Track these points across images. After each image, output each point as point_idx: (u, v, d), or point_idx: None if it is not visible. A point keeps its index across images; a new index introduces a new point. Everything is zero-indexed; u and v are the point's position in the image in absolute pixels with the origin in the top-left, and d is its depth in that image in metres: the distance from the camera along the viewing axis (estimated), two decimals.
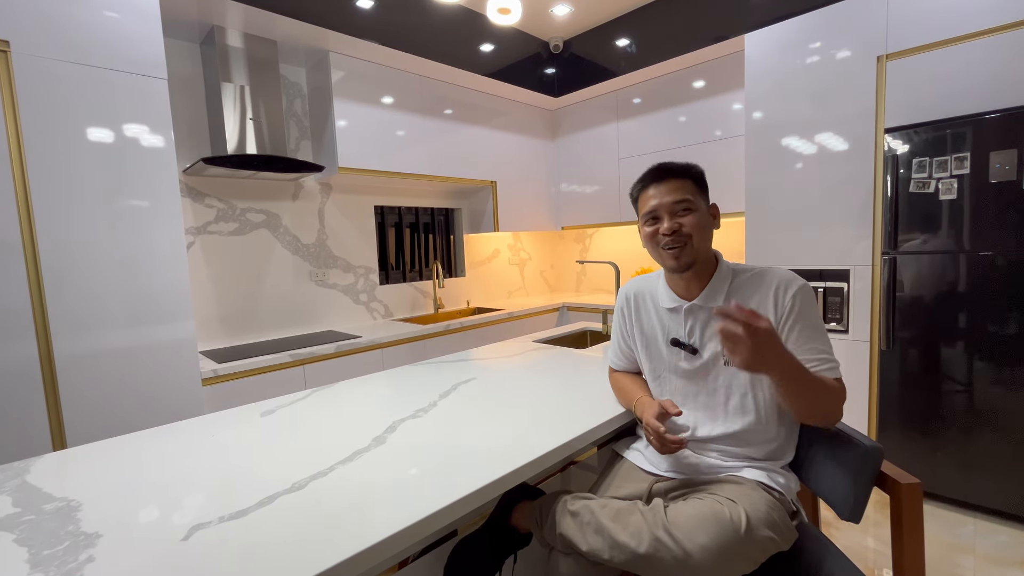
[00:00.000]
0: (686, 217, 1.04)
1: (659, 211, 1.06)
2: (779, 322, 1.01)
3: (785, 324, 1.00)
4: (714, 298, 1.06)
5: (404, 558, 1.01)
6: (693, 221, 1.04)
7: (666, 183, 1.06)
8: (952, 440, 1.94)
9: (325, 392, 1.45)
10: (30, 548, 0.71)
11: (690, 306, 1.09)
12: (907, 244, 2.00)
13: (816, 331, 1.00)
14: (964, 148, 1.85)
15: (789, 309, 1.00)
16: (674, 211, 1.05)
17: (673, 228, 1.04)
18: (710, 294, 1.07)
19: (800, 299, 1.00)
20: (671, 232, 1.04)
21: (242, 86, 2.27)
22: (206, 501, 0.83)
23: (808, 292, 1.02)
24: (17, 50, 1.50)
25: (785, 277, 1.04)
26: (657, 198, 1.06)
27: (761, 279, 1.05)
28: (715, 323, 1.04)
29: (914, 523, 0.87)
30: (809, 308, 1.01)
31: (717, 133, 2.93)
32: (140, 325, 1.75)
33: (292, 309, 2.69)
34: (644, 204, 1.09)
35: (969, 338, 1.89)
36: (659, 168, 1.09)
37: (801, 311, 1.00)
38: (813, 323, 1.00)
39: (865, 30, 2.10)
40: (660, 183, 1.07)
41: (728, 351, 0.86)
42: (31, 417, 1.55)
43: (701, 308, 1.08)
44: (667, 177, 1.07)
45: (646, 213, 1.08)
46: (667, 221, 1.04)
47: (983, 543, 1.76)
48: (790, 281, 1.03)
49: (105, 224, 1.67)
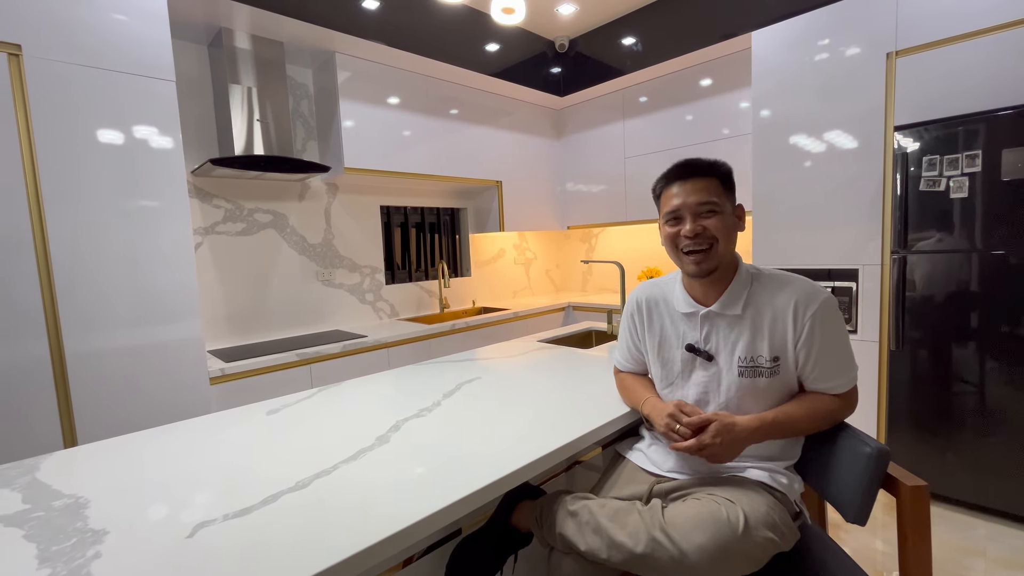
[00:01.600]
0: (710, 220, 0.99)
1: (682, 211, 1.01)
2: (794, 342, 0.98)
3: (799, 346, 0.98)
4: (732, 305, 1.03)
5: (409, 556, 1.01)
6: (717, 224, 0.99)
7: (691, 182, 1.01)
8: (963, 442, 1.92)
9: (330, 391, 1.46)
10: (39, 544, 0.73)
11: (707, 312, 1.05)
12: (917, 243, 1.97)
13: (832, 353, 0.98)
14: (976, 146, 1.82)
15: (806, 333, 0.97)
16: (698, 212, 1.00)
17: (696, 231, 0.99)
18: (728, 301, 1.03)
19: (820, 320, 0.97)
20: (693, 235, 0.99)
21: (249, 87, 2.29)
22: (211, 499, 0.84)
23: (828, 310, 0.98)
24: (29, 53, 1.52)
25: (805, 294, 0.99)
26: (681, 197, 1.01)
27: (780, 290, 1.01)
28: (733, 332, 1.03)
29: (920, 525, 0.86)
30: (828, 328, 0.98)
31: (725, 131, 2.91)
32: (149, 324, 1.77)
33: (299, 309, 2.70)
34: (666, 202, 1.04)
35: (981, 338, 1.86)
36: (684, 165, 1.04)
37: (819, 334, 0.97)
38: (830, 345, 0.98)
39: (874, 26, 2.08)
40: (685, 181, 1.02)
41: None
42: (43, 414, 1.57)
43: (719, 315, 1.04)
44: (692, 175, 1.02)
45: (668, 212, 1.03)
46: (690, 223, 1.00)
47: (994, 546, 1.73)
48: (810, 299, 0.98)
49: (114, 224, 1.69)
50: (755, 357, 1.01)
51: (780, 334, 0.99)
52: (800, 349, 0.99)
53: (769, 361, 1.00)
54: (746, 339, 1.01)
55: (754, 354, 1.01)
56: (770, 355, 1.00)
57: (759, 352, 1.00)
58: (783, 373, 1.01)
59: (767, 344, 1.00)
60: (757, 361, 1.00)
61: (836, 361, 0.99)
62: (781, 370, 1.00)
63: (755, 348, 1.01)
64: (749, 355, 1.01)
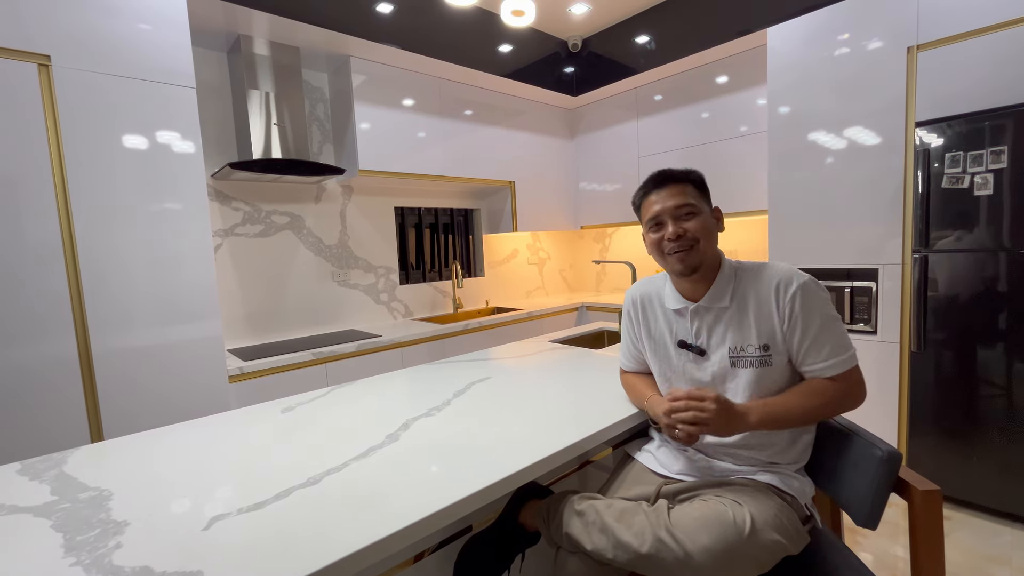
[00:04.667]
0: (690, 221, 1.05)
1: (663, 216, 1.06)
2: (781, 325, 1.00)
3: (786, 328, 1.00)
4: (720, 298, 1.06)
5: (419, 552, 1.03)
6: (698, 224, 1.04)
7: (667, 188, 1.07)
8: (988, 446, 1.86)
9: (343, 390, 1.49)
10: (65, 534, 0.76)
11: (696, 307, 1.08)
12: (939, 242, 1.92)
13: (818, 331, 0.98)
14: (1002, 141, 1.77)
15: (789, 313, 0.99)
16: (677, 215, 1.05)
17: (678, 232, 1.04)
18: (715, 294, 1.06)
19: (800, 299, 0.99)
20: (676, 237, 1.04)
21: (267, 92, 2.34)
22: (227, 493, 0.87)
23: (808, 289, 1.00)
24: (57, 64, 1.59)
25: (784, 275, 1.02)
26: (660, 203, 1.07)
27: (760, 276, 1.04)
28: (721, 324, 1.05)
29: (933, 531, 0.84)
30: (811, 305, 0.99)
31: (742, 129, 2.87)
32: (170, 324, 1.83)
33: (315, 308, 2.76)
34: (647, 210, 1.10)
35: (1007, 339, 1.80)
36: (659, 175, 1.10)
37: (801, 313, 0.98)
38: (816, 322, 0.98)
39: (895, 20, 2.03)
40: (661, 189, 1.08)
41: (695, 431, 0.94)
42: (70, 410, 1.64)
43: (708, 309, 1.07)
44: (668, 183, 1.08)
45: (650, 219, 1.09)
46: (672, 226, 1.05)
47: (1020, 555, 1.68)
48: (789, 280, 1.01)
49: (138, 227, 1.75)
50: (744, 346, 1.02)
51: (767, 319, 1.01)
52: (787, 331, 1.00)
53: (759, 349, 1.01)
54: (734, 329, 1.04)
55: (743, 343, 1.02)
56: (759, 343, 1.01)
57: (748, 341, 1.02)
58: (775, 364, 1.01)
59: (755, 331, 1.02)
60: (747, 350, 1.02)
61: (823, 340, 0.98)
62: (773, 360, 1.01)
63: (744, 337, 1.02)
64: (738, 344, 1.03)
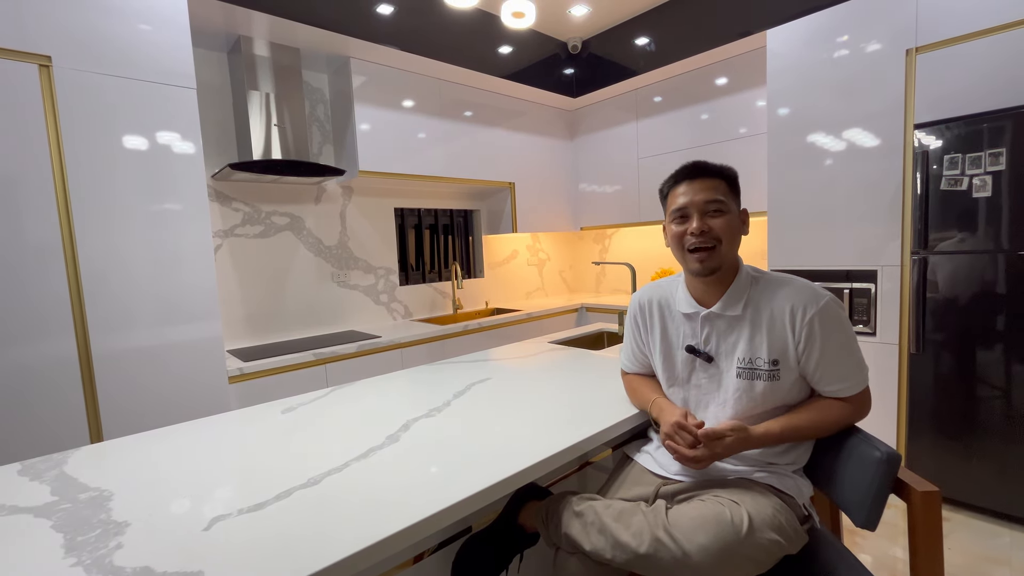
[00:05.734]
0: (717, 219, 1.01)
1: (689, 209, 1.02)
2: (795, 345, 0.98)
3: (801, 350, 0.98)
4: (733, 306, 1.03)
5: (420, 553, 1.03)
6: (723, 224, 1.00)
7: (699, 181, 1.03)
8: (988, 448, 1.86)
9: (343, 391, 1.49)
10: (65, 534, 0.76)
11: (707, 313, 1.06)
12: (939, 244, 1.92)
13: (835, 356, 0.97)
14: (1000, 143, 1.77)
15: (806, 336, 0.96)
16: (705, 211, 1.01)
17: (702, 228, 1.00)
18: (729, 301, 1.04)
19: (819, 323, 0.96)
20: (699, 232, 1.00)
21: (267, 93, 2.34)
22: (227, 494, 0.87)
23: (827, 313, 0.96)
24: (58, 64, 1.59)
25: (803, 297, 0.98)
26: (688, 195, 1.02)
27: (779, 292, 1.01)
28: (732, 334, 1.03)
29: (932, 532, 0.84)
30: (829, 329, 0.96)
31: (742, 131, 2.87)
32: (170, 324, 1.83)
33: (315, 309, 2.76)
34: (673, 201, 1.05)
35: (1006, 340, 1.81)
36: (693, 165, 1.05)
37: (819, 337, 0.96)
38: (834, 347, 0.97)
39: (894, 22, 2.03)
40: (693, 180, 1.03)
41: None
42: (71, 411, 1.64)
43: (719, 316, 1.05)
44: (701, 175, 1.03)
45: (675, 210, 1.05)
46: (696, 221, 1.01)
47: (1020, 555, 1.68)
48: (808, 303, 0.97)
49: (138, 228, 1.75)
50: (754, 359, 1.00)
51: (779, 336, 0.99)
52: (801, 354, 0.98)
53: (768, 363, 0.99)
54: (745, 340, 1.02)
55: (753, 356, 1.00)
56: (769, 357, 0.99)
57: (758, 354, 1.00)
58: (783, 379, 1.00)
59: (766, 346, 1.00)
60: (756, 363, 1.00)
61: (840, 364, 0.98)
62: (781, 375, 0.99)
63: (754, 350, 1.01)
64: (748, 356, 1.01)
